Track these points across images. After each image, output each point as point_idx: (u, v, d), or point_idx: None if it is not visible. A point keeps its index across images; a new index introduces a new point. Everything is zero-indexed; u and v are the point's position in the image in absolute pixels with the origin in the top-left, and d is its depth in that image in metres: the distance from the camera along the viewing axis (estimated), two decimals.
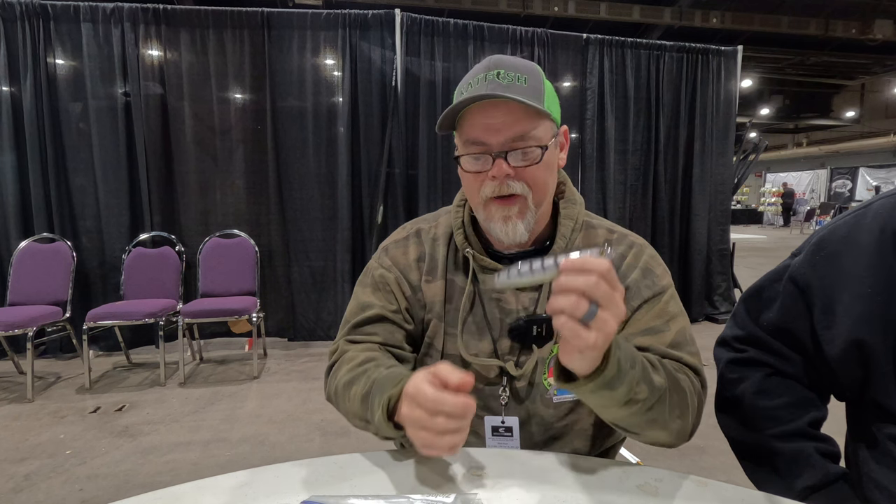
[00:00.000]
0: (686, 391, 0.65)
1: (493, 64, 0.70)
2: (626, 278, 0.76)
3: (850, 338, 0.63)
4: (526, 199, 0.71)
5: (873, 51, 11.55)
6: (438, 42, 3.80)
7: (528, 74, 0.70)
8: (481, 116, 0.69)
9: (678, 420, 0.64)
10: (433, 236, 0.85)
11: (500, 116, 0.68)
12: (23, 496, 1.86)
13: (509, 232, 0.72)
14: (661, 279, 0.76)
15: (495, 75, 0.69)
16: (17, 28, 3.31)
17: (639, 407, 0.59)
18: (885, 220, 0.63)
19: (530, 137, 0.69)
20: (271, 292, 3.76)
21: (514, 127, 0.68)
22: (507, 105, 0.68)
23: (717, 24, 9.30)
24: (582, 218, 0.81)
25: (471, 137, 0.71)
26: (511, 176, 0.69)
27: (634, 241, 0.80)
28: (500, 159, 0.69)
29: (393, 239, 0.88)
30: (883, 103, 16.98)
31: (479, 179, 0.71)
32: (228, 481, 0.62)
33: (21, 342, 2.92)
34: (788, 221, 16.96)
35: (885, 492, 0.62)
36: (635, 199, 4.33)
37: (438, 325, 0.80)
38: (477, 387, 0.78)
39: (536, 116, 0.69)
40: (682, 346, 0.72)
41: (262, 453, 2.19)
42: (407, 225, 0.90)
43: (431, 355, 0.81)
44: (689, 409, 0.65)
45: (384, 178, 3.74)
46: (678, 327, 0.73)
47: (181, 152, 3.59)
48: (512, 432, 0.76)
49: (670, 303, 0.75)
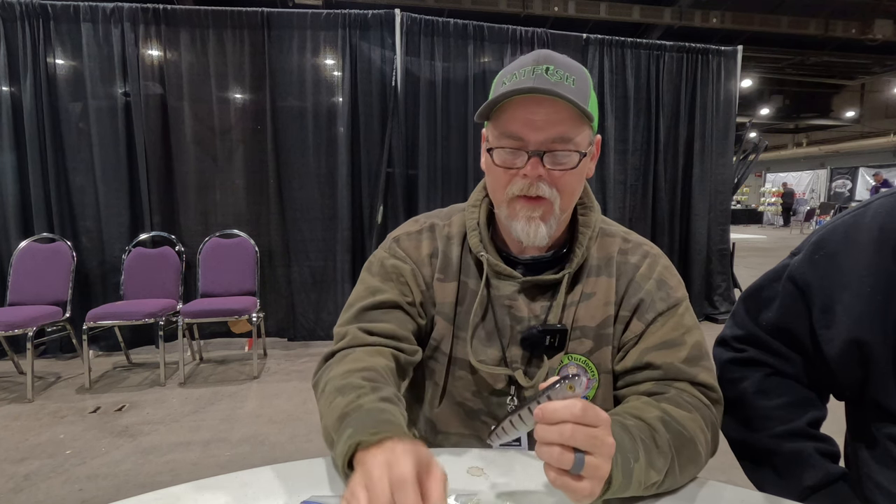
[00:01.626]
0: (694, 441, 0.62)
1: (542, 58, 0.66)
2: (640, 289, 0.74)
3: (850, 337, 0.63)
4: (552, 204, 0.68)
5: (873, 51, 11.54)
6: (438, 42, 3.80)
7: (577, 76, 0.67)
8: (523, 111, 0.65)
9: (692, 467, 0.62)
10: (447, 234, 0.81)
11: (544, 114, 0.65)
12: (23, 496, 1.86)
13: (531, 233, 0.69)
14: (675, 291, 0.74)
15: (544, 70, 0.64)
16: (17, 28, 3.31)
17: (654, 485, 0.57)
18: (884, 219, 0.63)
19: (570, 141, 0.66)
20: (271, 292, 3.76)
21: (556, 127, 0.65)
22: (553, 104, 0.64)
23: (717, 24, 9.30)
24: (598, 225, 0.78)
25: (508, 131, 0.67)
26: (543, 178, 0.66)
27: (649, 251, 0.78)
28: (535, 158, 0.66)
29: (405, 230, 0.84)
30: (883, 103, 16.97)
31: (509, 175, 0.68)
32: (228, 481, 0.62)
33: (21, 342, 2.92)
34: (788, 221, 16.97)
35: (884, 491, 0.62)
36: (635, 199, 4.33)
37: (447, 328, 0.78)
38: (483, 395, 0.77)
39: (579, 121, 0.66)
40: (698, 360, 0.69)
41: (262, 453, 2.19)
42: (420, 218, 0.86)
43: (437, 359, 0.79)
44: (700, 455, 0.63)
45: (384, 178, 3.74)
46: (693, 341, 0.71)
47: (181, 152, 3.59)
48: (520, 442, 0.75)
49: (685, 315, 0.73)
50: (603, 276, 0.75)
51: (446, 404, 0.79)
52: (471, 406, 0.77)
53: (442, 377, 0.78)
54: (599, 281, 0.75)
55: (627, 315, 0.73)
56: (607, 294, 0.74)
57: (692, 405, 0.66)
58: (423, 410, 0.81)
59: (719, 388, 0.70)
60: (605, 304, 0.74)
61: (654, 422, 0.60)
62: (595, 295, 0.75)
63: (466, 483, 0.62)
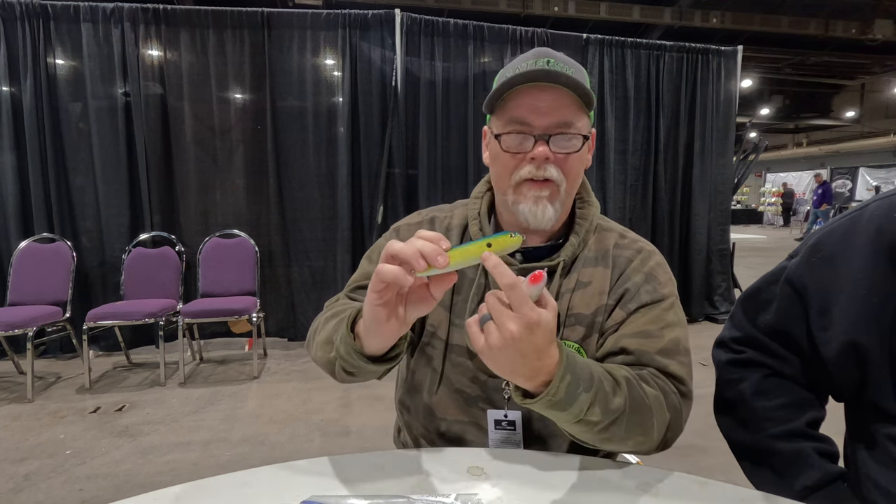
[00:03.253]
0: (652, 409, 0.64)
1: (542, 53, 0.72)
2: (627, 281, 0.76)
3: (847, 339, 0.63)
4: (559, 187, 0.72)
5: (873, 51, 11.54)
6: (438, 42, 3.80)
7: (575, 70, 0.72)
8: (529, 98, 0.70)
9: (640, 436, 0.63)
10: (447, 225, 0.85)
11: (548, 100, 0.70)
12: (23, 496, 1.86)
13: (538, 213, 0.72)
14: (663, 287, 0.76)
15: (545, 62, 0.70)
16: (17, 28, 3.31)
17: (590, 427, 0.60)
18: (880, 221, 0.64)
19: (573, 126, 0.71)
20: (271, 292, 3.76)
21: (560, 111, 0.70)
22: (556, 91, 0.69)
23: (717, 24, 9.30)
24: (596, 220, 0.82)
25: (516, 116, 0.71)
26: (550, 160, 0.71)
27: (643, 248, 0.80)
28: (542, 141, 0.70)
29: (406, 222, 0.89)
30: (883, 103, 16.96)
31: (517, 160, 0.72)
32: (228, 481, 0.62)
33: (21, 342, 2.92)
34: (788, 221, 16.99)
35: (883, 491, 0.63)
36: (635, 199, 4.33)
37: (443, 315, 0.80)
38: (480, 381, 0.78)
39: (579, 108, 0.71)
40: (673, 354, 0.71)
41: (262, 453, 2.19)
42: (423, 211, 0.91)
43: (434, 345, 0.81)
44: (653, 427, 0.64)
45: (384, 178, 3.74)
46: (672, 336, 0.72)
47: (181, 152, 3.59)
48: (515, 426, 0.77)
49: (669, 311, 0.74)
50: (599, 266, 0.78)
51: (444, 391, 0.81)
52: (468, 393, 0.79)
53: (440, 363, 0.81)
54: (596, 271, 0.78)
55: (612, 304, 0.76)
56: (602, 284, 0.77)
57: (660, 388, 0.67)
58: (423, 397, 0.83)
59: (691, 385, 0.71)
60: (599, 293, 0.76)
61: (620, 379, 0.63)
62: (591, 284, 0.77)
63: (466, 483, 0.62)
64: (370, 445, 2.28)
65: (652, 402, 0.64)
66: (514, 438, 0.77)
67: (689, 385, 0.71)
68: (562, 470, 0.66)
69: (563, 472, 0.65)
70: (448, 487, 0.61)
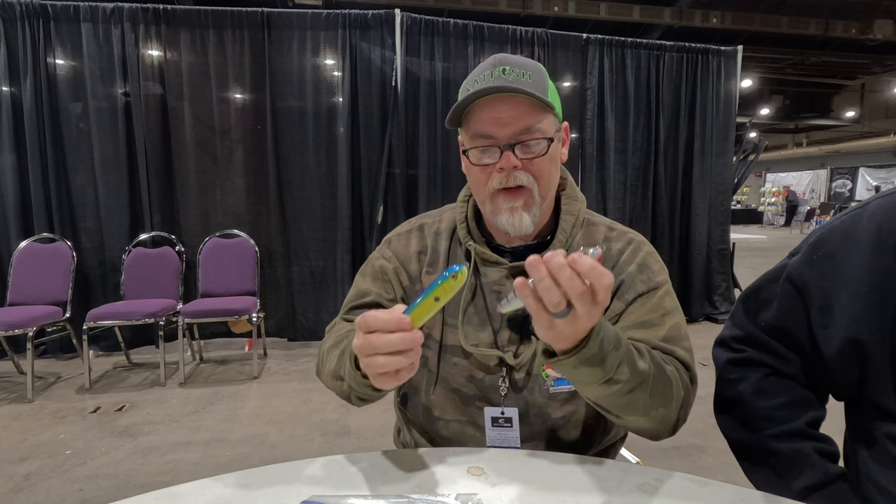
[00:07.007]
0: (672, 381, 0.66)
1: (498, 61, 0.73)
2: (622, 272, 0.77)
3: (847, 337, 0.64)
4: (531, 192, 0.73)
5: (873, 51, 11.53)
6: (438, 42, 3.80)
7: (532, 71, 0.73)
8: (489, 111, 0.71)
9: (661, 408, 0.65)
10: (436, 230, 0.87)
11: (507, 110, 0.70)
12: (23, 496, 1.86)
13: (515, 223, 0.74)
14: (656, 275, 0.77)
15: (501, 71, 0.71)
16: (17, 28, 3.31)
17: (619, 388, 0.60)
18: (881, 219, 0.64)
19: (536, 130, 0.71)
20: (271, 292, 3.76)
21: (521, 120, 0.71)
22: (514, 99, 0.70)
23: (717, 24, 9.29)
24: (583, 215, 0.83)
25: (479, 131, 0.72)
26: (518, 167, 0.71)
27: (633, 238, 0.82)
28: (507, 151, 0.71)
29: (396, 232, 0.91)
30: (883, 103, 16.96)
31: (487, 172, 0.73)
32: (228, 481, 0.62)
33: (21, 342, 2.92)
34: (790, 221, 17.05)
35: (883, 491, 0.63)
36: (635, 199, 4.33)
37: (437, 317, 0.81)
38: (477, 377, 0.79)
39: (541, 110, 0.72)
40: (676, 340, 0.72)
41: (262, 453, 2.19)
42: (412, 220, 0.93)
43: (429, 346, 0.82)
44: (673, 400, 0.66)
45: (384, 178, 3.74)
46: (672, 322, 0.74)
47: (181, 152, 3.59)
48: (512, 423, 0.77)
49: (665, 298, 0.76)
50: None
51: (441, 391, 0.81)
52: (465, 392, 0.80)
53: (435, 364, 0.81)
54: None
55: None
56: None
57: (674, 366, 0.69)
58: (420, 398, 0.84)
59: (695, 370, 0.73)
60: None
61: (642, 348, 0.65)
62: None
63: (466, 483, 0.62)
64: (370, 445, 2.28)
65: (671, 375, 0.66)
66: (511, 435, 0.77)
67: (693, 370, 0.73)
68: (562, 470, 0.65)
69: (563, 473, 0.65)
70: (448, 487, 0.61)
